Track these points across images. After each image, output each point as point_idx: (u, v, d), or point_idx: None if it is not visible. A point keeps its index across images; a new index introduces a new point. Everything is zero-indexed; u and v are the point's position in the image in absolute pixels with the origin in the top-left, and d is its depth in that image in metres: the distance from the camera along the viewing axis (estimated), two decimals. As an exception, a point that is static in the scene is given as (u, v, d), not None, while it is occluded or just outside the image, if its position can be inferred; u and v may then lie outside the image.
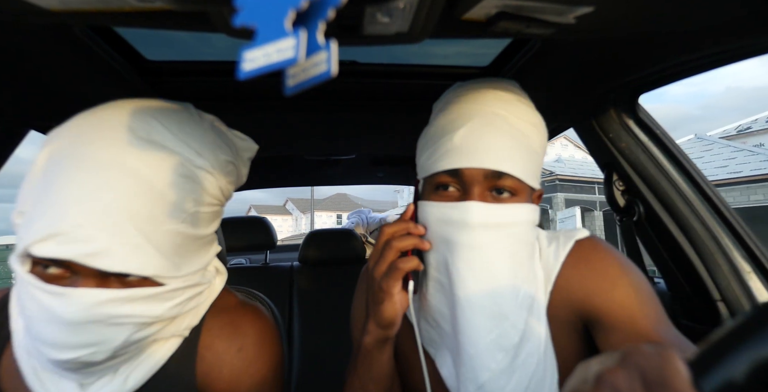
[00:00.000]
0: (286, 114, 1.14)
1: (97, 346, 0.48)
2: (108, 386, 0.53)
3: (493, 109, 0.62)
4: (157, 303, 0.51)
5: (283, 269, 1.93)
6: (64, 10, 0.43)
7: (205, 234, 0.57)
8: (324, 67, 0.32)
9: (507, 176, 0.61)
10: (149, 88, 0.93)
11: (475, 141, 0.60)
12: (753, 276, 0.87)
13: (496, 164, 0.60)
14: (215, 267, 0.66)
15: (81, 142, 0.49)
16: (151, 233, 0.49)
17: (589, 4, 0.46)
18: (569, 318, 0.66)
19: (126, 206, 0.47)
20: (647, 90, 0.89)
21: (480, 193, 0.61)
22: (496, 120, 0.61)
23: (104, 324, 0.48)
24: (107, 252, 0.46)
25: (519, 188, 0.62)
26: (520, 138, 0.62)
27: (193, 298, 0.58)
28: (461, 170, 0.61)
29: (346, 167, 1.89)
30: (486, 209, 0.60)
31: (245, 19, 0.31)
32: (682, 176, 0.93)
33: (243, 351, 0.63)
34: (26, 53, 0.70)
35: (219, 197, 0.59)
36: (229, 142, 0.62)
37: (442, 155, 0.62)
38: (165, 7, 0.41)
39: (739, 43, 0.64)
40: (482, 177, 0.60)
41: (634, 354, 0.33)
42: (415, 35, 0.48)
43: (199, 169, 0.54)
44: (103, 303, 0.47)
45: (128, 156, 0.49)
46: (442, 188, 0.64)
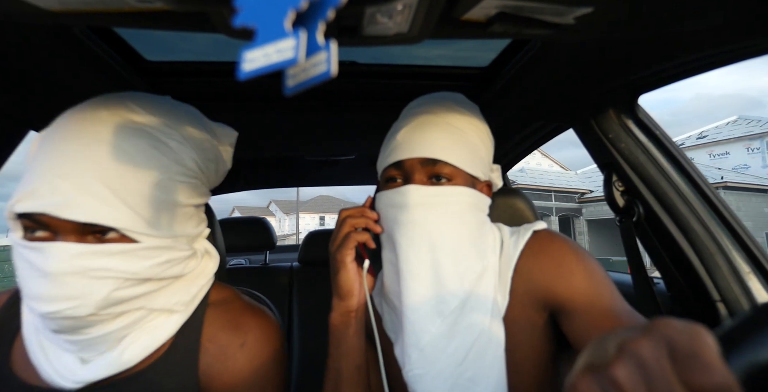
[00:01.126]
0: (285, 114, 1.14)
1: (79, 299, 0.51)
2: (106, 359, 0.56)
3: (432, 111, 0.73)
4: (135, 260, 0.54)
5: (283, 270, 1.93)
6: (64, 11, 0.43)
7: (180, 202, 0.60)
8: (324, 67, 0.32)
9: (442, 163, 0.69)
10: (149, 88, 0.93)
11: (413, 137, 0.70)
12: (752, 277, 0.87)
13: (431, 152, 0.69)
14: (206, 249, 0.70)
15: (63, 125, 0.55)
16: (120, 190, 0.53)
17: (589, 4, 0.46)
18: (535, 306, 0.71)
19: (95, 166, 0.52)
20: (647, 91, 0.89)
21: (419, 179, 0.70)
22: (434, 119, 0.72)
23: (84, 277, 0.51)
24: (75, 203, 0.50)
25: (455, 174, 0.70)
26: (455, 132, 0.71)
27: (175, 264, 0.59)
28: (402, 161, 0.70)
29: (345, 167, 1.89)
30: (422, 189, 0.68)
31: (245, 20, 0.31)
32: (682, 177, 0.93)
33: (246, 347, 0.65)
34: (26, 54, 0.70)
35: (194, 170, 0.62)
36: (206, 124, 0.67)
37: (389, 152, 0.73)
38: (164, 7, 0.41)
39: (738, 43, 0.64)
40: (420, 165, 0.69)
41: (661, 325, 0.30)
42: (414, 36, 0.48)
43: (169, 139, 0.58)
44: (79, 255, 0.51)
45: (102, 128, 0.54)
46: (391, 180, 0.73)
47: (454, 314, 0.66)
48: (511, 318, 0.69)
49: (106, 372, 0.56)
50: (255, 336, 0.66)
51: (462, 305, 0.67)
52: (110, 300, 0.53)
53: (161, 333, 0.60)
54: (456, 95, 0.79)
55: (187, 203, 0.61)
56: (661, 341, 0.29)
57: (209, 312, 0.67)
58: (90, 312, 0.52)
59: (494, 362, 0.66)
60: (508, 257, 0.73)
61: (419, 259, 0.67)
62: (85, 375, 0.56)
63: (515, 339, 0.69)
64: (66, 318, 0.51)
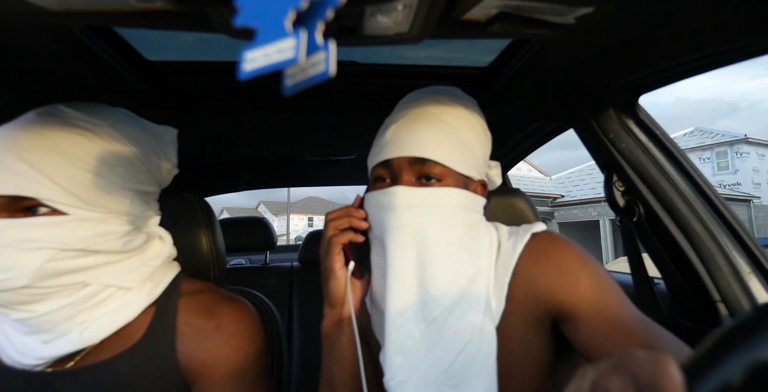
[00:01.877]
0: (286, 115, 1.14)
1: (12, 271, 0.53)
2: (66, 338, 0.59)
3: (423, 106, 0.69)
4: (65, 231, 0.57)
5: (283, 270, 1.93)
6: (64, 11, 0.43)
7: (117, 183, 0.62)
8: (322, 67, 0.32)
9: (431, 163, 0.65)
10: (149, 88, 0.93)
11: (402, 134, 0.67)
12: (753, 277, 0.87)
13: (420, 151, 0.65)
14: (158, 234, 0.71)
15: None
16: (44, 168, 0.56)
17: (589, 4, 0.46)
18: (534, 313, 0.68)
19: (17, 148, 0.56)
20: (647, 91, 0.89)
21: (407, 180, 0.67)
22: (425, 115, 0.68)
23: (15, 249, 0.54)
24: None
25: (446, 174, 0.67)
26: (447, 130, 0.67)
27: (113, 239, 0.61)
28: (390, 160, 0.67)
29: (345, 167, 1.89)
30: (410, 191, 0.65)
31: (245, 20, 0.32)
32: (683, 177, 0.93)
33: (221, 328, 0.67)
34: (26, 54, 0.70)
35: (131, 159, 0.64)
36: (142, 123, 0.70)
37: (377, 151, 0.70)
38: (165, 7, 0.41)
39: (738, 44, 0.64)
40: (408, 165, 0.66)
41: (628, 360, 0.33)
42: (414, 36, 0.48)
43: (97, 128, 0.62)
44: (7, 227, 0.54)
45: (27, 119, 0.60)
46: (379, 180, 0.70)
47: (439, 319, 0.64)
48: (508, 324, 0.67)
49: (68, 348, 0.58)
50: (230, 319, 0.69)
51: (449, 310, 0.64)
52: (45, 271, 0.55)
53: (124, 312, 0.63)
54: (451, 89, 0.75)
55: (125, 186, 0.64)
56: (627, 375, 0.32)
57: (182, 301, 0.69)
58: (24, 283, 0.54)
59: (484, 370, 0.63)
60: (505, 260, 0.70)
61: (405, 263, 0.65)
62: (47, 351, 0.58)
63: (510, 346, 0.66)
64: (2, 291, 0.54)
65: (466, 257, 0.67)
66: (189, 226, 0.84)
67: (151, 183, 0.70)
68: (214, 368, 0.65)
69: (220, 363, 0.66)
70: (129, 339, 0.63)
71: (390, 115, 0.74)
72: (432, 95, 0.72)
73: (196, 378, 0.65)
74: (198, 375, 0.65)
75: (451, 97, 0.72)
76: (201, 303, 0.70)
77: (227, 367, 0.66)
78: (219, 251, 0.87)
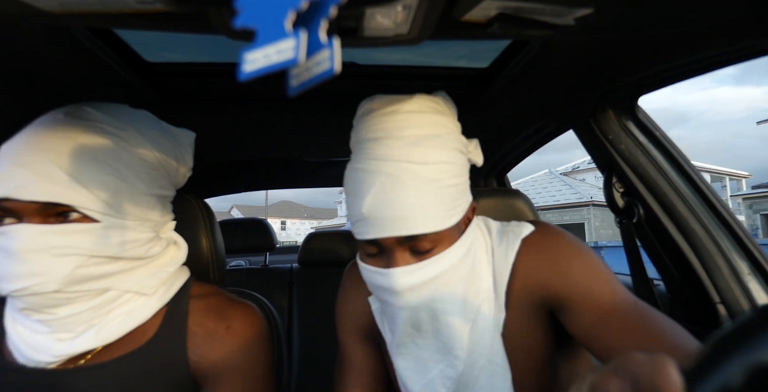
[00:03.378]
0: (285, 116, 1.14)
1: (44, 276, 0.54)
2: (82, 336, 0.60)
3: (398, 159, 0.59)
4: (96, 238, 0.58)
5: (283, 271, 1.93)
6: (63, 12, 0.43)
7: (141, 190, 0.63)
8: (327, 65, 0.32)
9: (422, 236, 0.60)
10: (149, 90, 0.93)
11: (382, 210, 0.59)
12: (752, 278, 0.87)
13: (406, 229, 0.59)
14: (174, 239, 0.73)
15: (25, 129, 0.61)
16: (77, 174, 0.57)
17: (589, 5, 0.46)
18: (531, 305, 0.68)
19: (52, 154, 0.56)
20: (647, 92, 0.89)
21: (401, 257, 0.62)
22: (402, 176, 0.59)
23: (47, 254, 0.55)
24: (33, 186, 0.54)
25: (439, 238, 0.62)
26: (430, 186, 0.59)
27: (138, 245, 0.63)
28: (378, 240, 0.61)
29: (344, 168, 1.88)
30: (408, 274, 0.61)
31: (245, 21, 0.31)
32: (682, 178, 0.93)
33: (231, 329, 0.69)
34: (26, 55, 0.70)
35: (153, 163, 0.66)
36: (163, 125, 0.71)
37: (356, 222, 0.63)
38: (164, 8, 0.41)
39: (738, 45, 0.64)
40: (398, 244, 0.61)
41: (627, 362, 0.33)
42: (414, 37, 0.48)
43: (124, 133, 0.63)
44: (40, 233, 0.55)
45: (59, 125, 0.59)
46: (370, 256, 0.65)
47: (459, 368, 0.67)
48: (510, 319, 0.68)
49: (83, 347, 0.59)
50: (239, 321, 0.70)
51: (467, 356, 0.67)
52: (74, 276, 0.56)
53: (138, 314, 0.64)
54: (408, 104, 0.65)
55: (148, 192, 0.65)
56: (626, 378, 0.32)
57: (192, 303, 0.70)
58: (55, 288, 0.55)
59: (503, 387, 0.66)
60: (500, 270, 0.69)
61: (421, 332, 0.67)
62: (63, 349, 0.59)
63: (514, 340, 0.68)
64: (32, 295, 0.55)
65: (474, 295, 0.67)
66: (189, 227, 0.84)
67: (170, 187, 0.71)
68: (225, 368, 0.66)
69: (231, 364, 0.67)
70: (140, 338, 0.64)
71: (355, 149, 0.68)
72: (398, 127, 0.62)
73: (206, 377, 0.66)
74: (208, 375, 0.66)
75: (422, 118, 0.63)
76: (212, 306, 0.71)
77: (237, 368, 0.67)
78: (219, 253, 0.87)
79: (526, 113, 1.13)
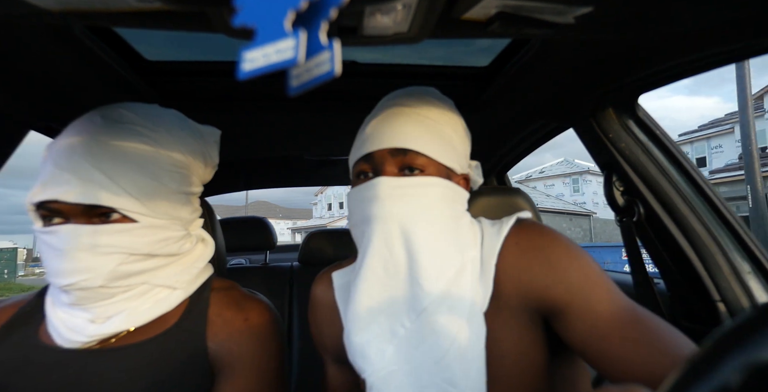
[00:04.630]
0: (285, 114, 1.14)
1: (91, 272, 0.60)
2: (113, 320, 0.64)
3: (403, 103, 0.70)
4: (135, 237, 0.63)
5: (283, 270, 1.93)
6: (63, 10, 0.43)
7: (172, 189, 0.67)
8: (327, 66, 0.32)
9: (413, 153, 0.65)
10: (149, 88, 0.93)
11: (382, 128, 0.68)
12: (752, 277, 0.87)
13: (401, 142, 0.65)
14: (201, 236, 0.77)
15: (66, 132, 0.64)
16: (117, 178, 0.61)
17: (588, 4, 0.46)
18: (524, 310, 0.65)
19: (94, 159, 0.61)
20: (647, 90, 0.89)
21: (390, 171, 0.66)
22: (405, 110, 0.69)
23: (92, 253, 0.60)
24: (79, 190, 0.59)
25: (428, 165, 0.67)
26: (427, 123, 0.68)
27: (172, 242, 0.68)
28: (372, 154, 0.67)
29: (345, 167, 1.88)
30: (392, 181, 0.65)
31: (245, 20, 0.31)
32: (682, 177, 0.93)
33: (249, 321, 0.73)
34: (26, 54, 0.70)
35: (183, 162, 0.69)
36: (190, 124, 0.74)
37: (358, 147, 0.71)
38: (164, 7, 0.41)
39: (738, 44, 0.64)
40: (390, 155, 0.66)
41: None
42: (414, 35, 0.48)
43: (156, 135, 0.66)
44: (86, 233, 0.60)
45: (98, 129, 0.63)
46: (362, 175, 0.70)
47: (429, 310, 0.62)
48: (498, 322, 0.64)
49: (115, 328, 0.64)
50: (256, 313, 0.74)
51: (439, 301, 0.62)
52: (118, 272, 0.62)
53: (165, 302, 0.68)
54: (429, 89, 0.76)
55: (179, 190, 0.69)
56: None
57: (213, 295, 0.75)
58: (101, 284, 0.61)
59: (473, 364, 0.60)
60: (489, 249, 0.67)
61: (393, 253, 0.64)
62: (96, 330, 0.63)
63: (502, 345, 0.63)
64: (80, 289, 0.60)
65: (453, 249, 0.66)
66: None
67: (198, 184, 0.75)
68: (241, 357, 0.70)
69: (246, 353, 0.70)
70: (163, 324, 0.68)
71: (370, 114, 0.75)
72: (411, 93, 0.73)
73: (222, 365, 0.69)
74: (225, 363, 0.69)
75: (430, 94, 0.74)
76: (231, 298, 0.75)
77: (252, 357, 0.70)
78: (219, 251, 0.87)
79: (526, 112, 1.13)
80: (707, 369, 0.26)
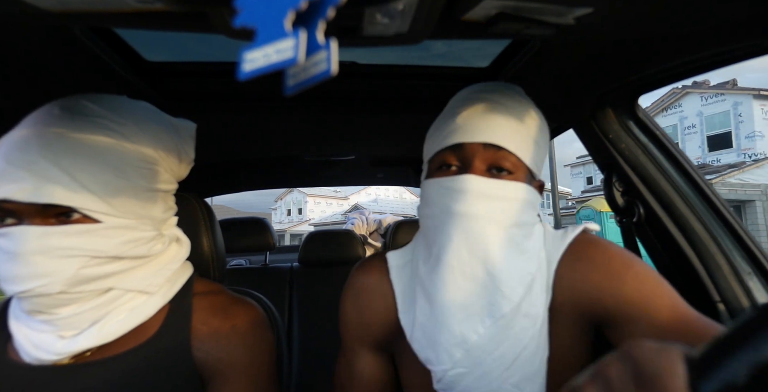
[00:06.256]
0: (285, 115, 1.14)
1: (48, 277, 0.54)
2: (84, 334, 0.59)
3: (494, 98, 0.66)
4: (99, 239, 0.57)
5: (283, 270, 1.93)
6: (64, 11, 0.43)
7: (142, 186, 0.62)
8: (324, 66, 0.32)
9: (505, 153, 0.63)
10: (149, 89, 0.93)
11: (476, 119, 0.64)
12: (753, 277, 0.87)
13: (495, 138, 0.63)
14: (176, 236, 0.72)
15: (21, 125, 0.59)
16: (77, 175, 0.56)
17: (588, 5, 0.46)
18: (576, 318, 0.65)
19: (51, 155, 0.55)
20: (647, 91, 0.89)
21: (479, 168, 0.63)
22: (498, 106, 0.65)
23: (50, 256, 0.54)
24: (35, 188, 0.53)
25: (517, 168, 0.64)
26: (519, 124, 0.65)
27: (141, 244, 0.62)
28: (462, 145, 0.64)
29: (345, 168, 1.89)
30: (483, 181, 0.62)
31: (245, 20, 0.32)
32: (682, 177, 0.93)
33: (237, 328, 0.69)
34: (26, 54, 0.70)
35: (154, 158, 0.64)
36: (163, 118, 0.69)
37: (445, 135, 0.66)
38: (164, 8, 0.41)
39: (738, 44, 0.64)
40: (482, 150, 0.63)
41: (632, 348, 0.32)
42: (414, 36, 0.48)
43: (123, 129, 0.61)
44: (43, 235, 0.54)
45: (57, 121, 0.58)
46: (445, 166, 0.66)
47: (508, 317, 0.61)
48: (553, 330, 0.64)
49: (86, 344, 0.59)
50: (244, 319, 0.70)
51: (517, 307, 0.62)
52: (79, 277, 0.56)
53: (141, 311, 0.64)
54: (516, 87, 0.73)
55: (148, 188, 0.64)
56: (629, 363, 0.31)
57: (196, 300, 0.70)
58: (60, 290, 0.55)
59: (539, 370, 0.62)
60: (551, 256, 0.67)
61: (474, 255, 0.61)
62: (65, 347, 0.58)
63: (557, 350, 0.63)
64: (38, 296, 0.55)
65: (529, 255, 0.65)
66: (189, 227, 0.84)
67: (172, 181, 0.70)
68: (231, 365, 0.67)
69: (237, 361, 0.67)
70: (143, 334, 0.64)
71: (453, 103, 0.71)
72: (499, 90, 0.69)
73: (212, 374, 0.66)
74: (215, 372, 0.66)
75: (519, 94, 0.71)
76: (216, 304, 0.71)
77: (243, 365, 0.68)
78: (219, 252, 0.87)
79: (526, 113, 1.13)
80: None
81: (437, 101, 1.07)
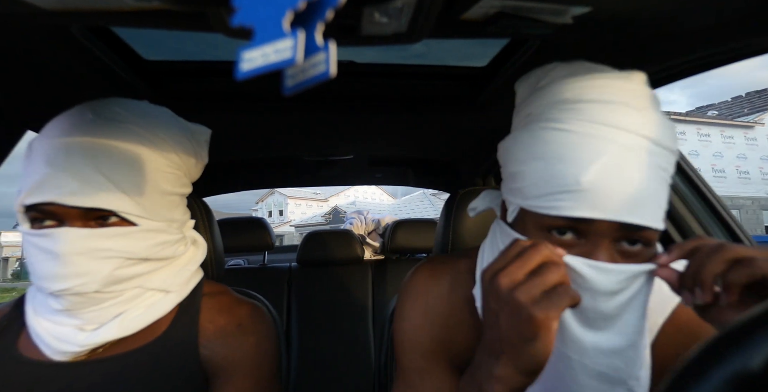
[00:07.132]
0: (284, 115, 1.14)
1: (86, 277, 0.57)
2: (104, 327, 0.62)
3: (631, 133, 0.48)
4: (134, 241, 0.61)
5: (282, 270, 1.93)
6: (62, 10, 0.43)
7: (168, 190, 0.66)
8: (323, 67, 0.32)
9: (647, 230, 0.49)
10: (147, 88, 0.93)
11: (609, 185, 0.47)
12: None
13: (635, 216, 0.47)
14: (193, 237, 0.76)
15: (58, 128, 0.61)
16: (116, 179, 0.59)
17: (587, 4, 0.46)
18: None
19: (93, 160, 0.58)
20: (645, 91, 0.89)
21: (607, 248, 0.49)
22: (635, 153, 0.48)
23: (89, 257, 0.58)
24: (79, 192, 0.57)
25: (654, 239, 0.51)
26: (659, 173, 0.49)
27: (168, 246, 0.66)
28: (591, 221, 0.49)
29: (344, 167, 1.89)
30: (613, 277, 0.48)
31: (243, 20, 0.31)
32: (681, 177, 0.93)
33: (243, 327, 0.71)
34: (24, 54, 0.70)
35: (177, 162, 0.68)
36: (182, 123, 0.72)
37: (561, 195, 0.49)
38: (163, 6, 0.41)
39: (738, 42, 0.64)
40: (615, 231, 0.49)
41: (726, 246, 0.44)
42: (413, 35, 0.48)
43: (152, 135, 0.64)
44: (85, 237, 0.58)
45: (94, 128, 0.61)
46: (555, 231, 0.51)
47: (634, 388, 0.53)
48: None
49: (106, 337, 0.61)
50: (250, 319, 0.72)
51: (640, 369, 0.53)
52: (113, 277, 0.59)
53: (158, 308, 0.66)
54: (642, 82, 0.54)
55: (174, 192, 0.68)
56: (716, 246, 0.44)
57: (204, 300, 0.73)
58: (96, 289, 0.58)
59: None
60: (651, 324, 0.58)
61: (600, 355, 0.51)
62: (87, 339, 0.61)
63: None
64: (74, 294, 0.58)
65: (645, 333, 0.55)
66: None
67: (189, 184, 0.73)
68: (236, 362, 0.69)
69: (242, 358, 0.69)
70: (152, 332, 0.67)
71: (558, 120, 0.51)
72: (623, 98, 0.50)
73: (217, 371, 0.68)
74: (220, 369, 0.68)
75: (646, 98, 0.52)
76: (223, 303, 0.74)
77: (247, 362, 0.69)
78: (217, 252, 0.87)
79: (524, 112, 1.13)
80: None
81: (435, 101, 1.07)
